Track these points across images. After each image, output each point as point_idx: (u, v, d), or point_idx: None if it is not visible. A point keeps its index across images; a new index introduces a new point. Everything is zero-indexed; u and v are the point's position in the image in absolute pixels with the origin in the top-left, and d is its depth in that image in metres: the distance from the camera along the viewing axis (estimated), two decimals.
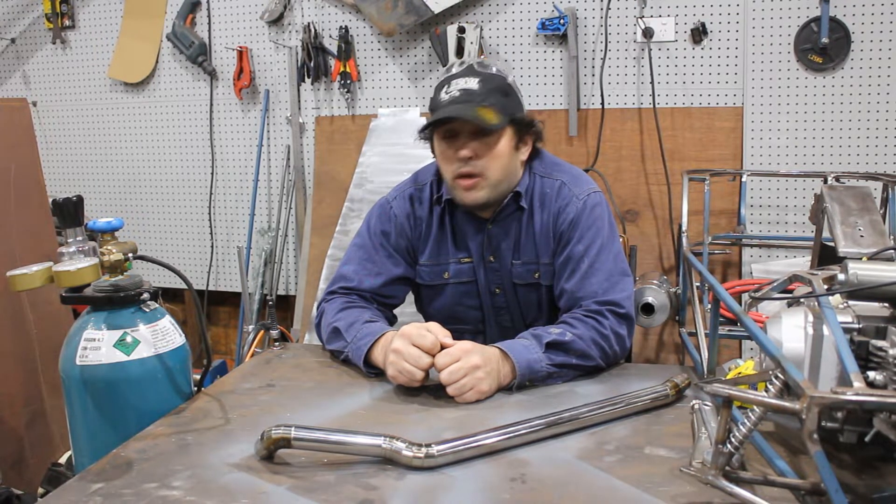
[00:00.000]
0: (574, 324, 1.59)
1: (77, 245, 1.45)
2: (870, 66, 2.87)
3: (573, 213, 1.72)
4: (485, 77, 1.68)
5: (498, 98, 1.67)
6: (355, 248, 1.84)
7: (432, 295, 1.86)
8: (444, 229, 1.81)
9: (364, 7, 3.27)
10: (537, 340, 1.53)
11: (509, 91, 1.71)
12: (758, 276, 2.95)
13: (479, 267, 1.81)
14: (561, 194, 1.75)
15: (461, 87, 1.67)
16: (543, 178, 1.78)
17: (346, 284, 1.78)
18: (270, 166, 3.62)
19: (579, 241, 1.71)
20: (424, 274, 1.83)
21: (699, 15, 3.01)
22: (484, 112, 1.63)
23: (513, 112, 1.70)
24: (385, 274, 1.79)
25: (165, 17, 3.63)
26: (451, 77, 1.70)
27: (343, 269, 1.81)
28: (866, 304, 1.12)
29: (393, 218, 1.82)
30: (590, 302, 1.64)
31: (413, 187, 1.84)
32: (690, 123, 3.07)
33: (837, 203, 1.39)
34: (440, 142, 1.71)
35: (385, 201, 1.86)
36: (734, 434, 0.99)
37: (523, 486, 1.11)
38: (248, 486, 1.12)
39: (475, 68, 1.71)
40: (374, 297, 1.79)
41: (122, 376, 1.35)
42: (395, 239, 1.81)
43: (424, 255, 1.82)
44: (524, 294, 1.81)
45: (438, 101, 1.69)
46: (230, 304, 3.81)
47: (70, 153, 3.94)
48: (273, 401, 1.47)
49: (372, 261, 1.80)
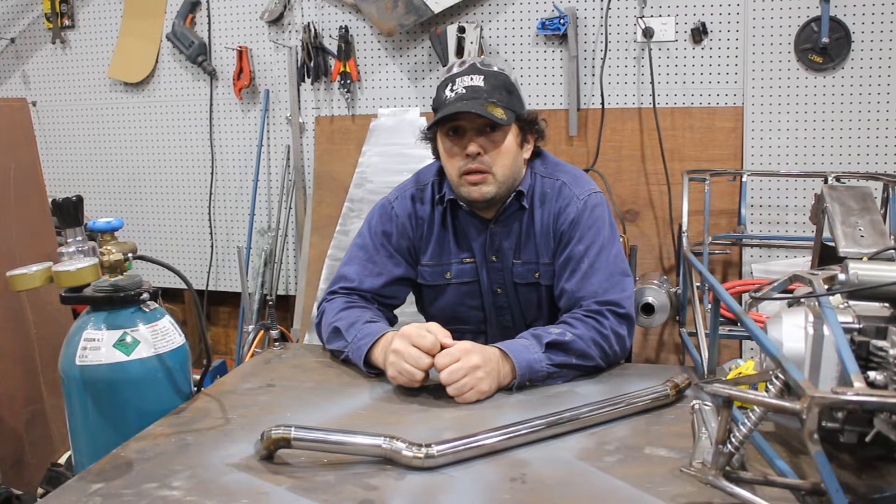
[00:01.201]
0: (574, 324, 1.59)
1: (77, 245, 1.45)
2: (870, 66, 2.87)
3: (574, 213, 1.72)
4: (489, 74, 1.68)
5: (503, 95, 1.68)
6: (356, 249, 1.83)
7: (434, 295, 1.85)
8: (447, 229, 1.81)
9: (364, 7, 3.27)
10: (537, 340, 1.52)
11: (512, 89, 1.71)
12: (758, 276, 2.95)
13: (482, 267, 1.81)
14: (562, 194, 1.75)
15: (467, 85, 1.66)
16: (544, 178, 1.78)
17: (347, 285, 1.78)
18: (270, 166, 3.62)
19: (580, 242, 1.71)
20: (426, 274, 1.83)
21: (699, 15, 3.01)
22: (492, 108, 1.63)
23: (517, 109, 1.70)
24: (386, 274, 1.79)
25: (165, 16, 3.63)
26: (455, 75, 1.70)
27: (344, 270, 1.81)
28: (867, 304, 1.12)
29: (394, 218, 1.82)
30: (590, 302, 1.64)
31: (415, 187, 1.84)
32: (690, 123, 3.07)
33: (838, 203, 1.39)
34: (445, 139, 1.71)
35: (386, 201, 1.85)
36: (734, 434, 0.99)
37: (523, 486, 1.11)
38: (248, 486, 1.12)
39: (478, 66, 1.71)
40: (374, 297, 1.79)
41: (121, 376, 1.35)
42: (396, 239, 1.81)
43: (426, 255, 1.82)
44: (525, 294, 1.81)
45: (443, 100, 1.69)
46: (230, 304, 3.81)
47: (70, 153, 3.94)
48: (273, 401, 1.47)
49: (373, 261, 1.80)
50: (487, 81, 1.67)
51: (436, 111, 1.71)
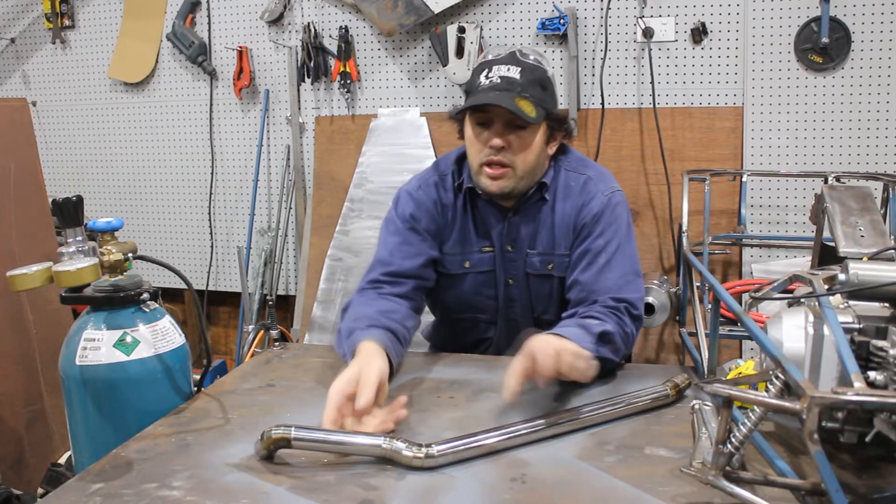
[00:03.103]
0: (604, 318, 1.56)
1: (77, 245, 1.45)
2: (870, 66, 2.87)
3: (597, 208, 1.72)
4: (526, 67, 1.66)
5: (537, 91, 1.65)
6: (388, 235, 1.78)
7: (451, 284, 1.83)
8: (468, 217, 1.79)
9: (364, 7, 3.27)
10: (585, 330, 1.48)
11: (547, 85, 1.69)
12: (758, 276, 2.95)
13: (500, 256, 1.80)
14: (587, 188, 1.75)
15: (502, 75, 1.64)
16: (569, 172, 1.77)
17: (386, 269, 1.73)
18: (270, 166, 3.62)
19: (600, 236, 1.70)
20: (447, 262, 1.80)
21: (699, 15, 3.01)
22: (523, 104, 1.61)
23: (550, 107, 1.69)
24: (423, 255, 1.75)
25: (165, 16, 3.63)
26: (493, 62, 1.67)
27: (381, 255, 1.77)
28: (867, 304, 1.12)
29: (422, 204, 1.78)
30: (605, 298, 1.62)
31: (436, 175, 1.82)
32: (690, 123, 3.07)
33: (838, 203, 1.39)
34: (473, 126, 1.69)
35: (411, 188, 1.82)
36: (734, 434, 0.99)
37: (523, 486, 1.11)
38: (248, 486, 1.12)
39: (517, 56, 1.68)
40: (413, 277, 1.74)
41: (121, 376, 1.35)
42: (426, 223, 1.77)
43: (449, 243, 1.80)
44: (536, 285, 1.80)
45: (477, 85, 1.67)
46: (230, 304, 3.81)
47: (70, 153, 3.94)
48: (273, 401, 1.47)
49: (408, 242, 1.76)
50: (524, 74, 1.64)
51: (468, 94, 1.69)
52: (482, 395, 1.48)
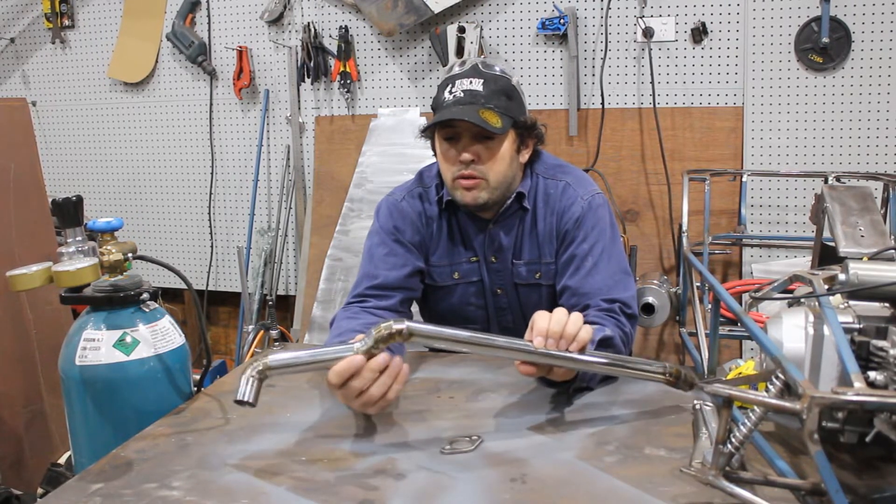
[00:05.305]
0: (602, 322, 1.55)
1: (77, 245, 1.45)
2: (870, 66, 2.87)
3: (578, 213, 1.72)
4: (489, 78, 1.67)
5: (502, 100, 1.66)
6: (374, 247, 1.79)
7: (442, 295, 1.84)
8: (453, 229, 1.80)
9: (364, 7, 3.27)
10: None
11: (513, 93, 1.70)
12: (758, 276, 2.95)
13: (483, 267, 1.81)
14: (566, 194, 1.75)
15: (465, 88, 1.65)
16: (547, 180, 1.78)
17: (372, 283, 1.73)
18: (270, 166, 3.62)
19: (584, 241, 1.70)
20: (435, 274, 1.81)
21: (699, 15, 3.01)
22: (487, 115, 1.62)
23: (516, 115, 1.69)
24: (409, 265, 1.76)
25: (165, 16, 3.64)
26: (455, 76, 1.69)
27: (366, 269, 1.77)
28: (867, 304, 1.12)
29: (406, 215, 1.79)
30: (597, 300, 1.63)
31: (421, 187, 1.83)
32: (690, 123, 3.07)
33: (838, 203, 1.39)
34: (442, 142, 1.71)
35: (395, 200, 1.83)
36: (734, 434, 0.99)
37: (523, 486, 1.11)
38: (248, 486, 1.12)
39: (479, 68, 1.69)
40: (400, 289, 1.74)
41: (121, 376, 1.35)
42: (409, 235, 1.78)
43: (436, 255, 1.81)
44: (525, 294, 1.81)
45: (442, 101, 1.68)
46: (230, 304, 3.81)
47: (70, 153, 3.94)
48: (273, 401, 1.47)
49: (394, 254, 1.76)
50: (487, 86, 1.65)
51: (435, 111, 1.70)
52: (482, 395, 1.47)
